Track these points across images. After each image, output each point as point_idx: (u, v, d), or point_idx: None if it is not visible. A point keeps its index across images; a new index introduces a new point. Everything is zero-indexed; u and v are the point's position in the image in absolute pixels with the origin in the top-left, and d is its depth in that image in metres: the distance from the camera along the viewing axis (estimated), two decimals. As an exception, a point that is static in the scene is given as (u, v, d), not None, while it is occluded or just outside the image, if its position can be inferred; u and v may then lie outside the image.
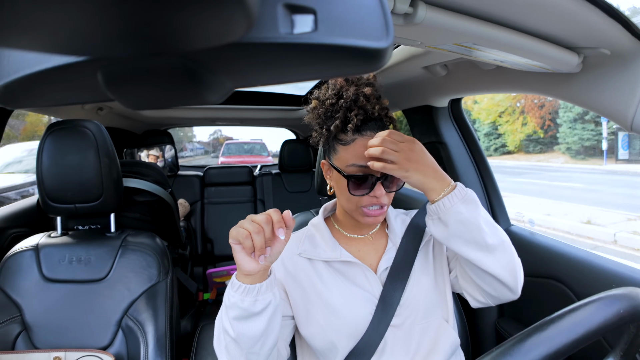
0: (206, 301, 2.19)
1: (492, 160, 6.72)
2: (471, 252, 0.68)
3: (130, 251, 1.11)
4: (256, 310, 0.63)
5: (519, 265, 0.72)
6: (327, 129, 0.76)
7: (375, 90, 0.76)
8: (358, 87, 0.74)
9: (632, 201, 7.68)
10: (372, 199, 0.74)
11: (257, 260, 0.61)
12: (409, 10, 0.55)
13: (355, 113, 0.72)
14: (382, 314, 0.76)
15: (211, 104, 0.70)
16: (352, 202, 0.76)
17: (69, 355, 0.98)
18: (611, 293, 0.49)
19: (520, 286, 0.72)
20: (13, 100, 0.20)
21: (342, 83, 0.76)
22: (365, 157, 0.72)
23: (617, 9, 0.59)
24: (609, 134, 15.25)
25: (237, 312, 0.64)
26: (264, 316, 0.64)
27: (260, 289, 0.63)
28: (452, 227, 0.67)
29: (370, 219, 0.76)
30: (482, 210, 0.70)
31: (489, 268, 0.68)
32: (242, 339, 0.65)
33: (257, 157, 11.35)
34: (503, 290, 0.71)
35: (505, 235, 0.71)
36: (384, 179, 0.74)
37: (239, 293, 0.63)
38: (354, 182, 0.74)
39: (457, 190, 0.68)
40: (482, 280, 0.71)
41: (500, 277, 0.69)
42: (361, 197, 0.74)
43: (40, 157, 1.06)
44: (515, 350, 0.44)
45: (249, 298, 0.63)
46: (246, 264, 0.62)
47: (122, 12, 0.13)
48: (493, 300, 0.75)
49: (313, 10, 0.16)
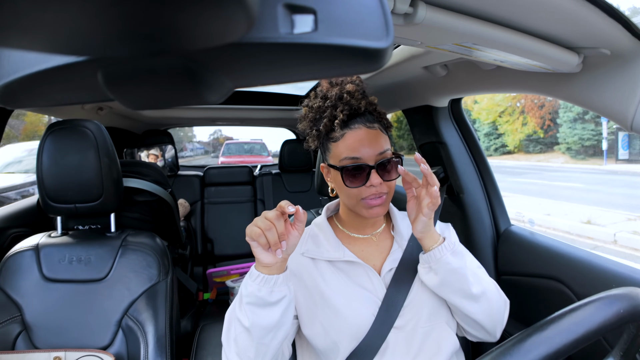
0: (206, 301, 2.19)
1: (492, 160, 6.71)
2: (457, 299, 0.75)
3: (131, 251, 1.11)
4: (272, 300, 0.66)
5: (500, 312, 0.80)
6: (317, 130, 0.79)
7: (359, 88, 0.79)
8: (341, 86, 0.78)
9: (632, 201, 7.68)
10: (370, 189, 0.75)
11: (274, 254, 0.65)
12: (409, 10, 0.55)
13: (341, 109, 0.75)
14: (385, 316, 0.75)
15: (211, 104, 0.70)
16: (353, 196, 0.77)
17: (69, 355, 0.98)
18: (611, 293, 0.49)
19: (499, 331, 0.81)
20: (13, 100, 0.20)
21: (327, 87, 0.80)
22: (357, 149, 0.75)
23: (617, 9, 0.59)
24: (609, 133, 15.25)
25: (253, 299, 0.66)
26: (279, 307, 0.67)
27: (277, 281, 0.66)
28: (442, 275, 0.74)
29: (372, 210, 0.76)
30: (469, 262, 0.80)
31: (472, 314, 0.76)
32: (255, 328, 0.66)
33: (257, 157, 11.36)
34: (482, 333, 0.80)
35: (490, 284, 0.80)
36: (378, 167, 0.75)
37: (257, 282, 0.66)
38: (348, 173, 0.75)
39: (446, 243, 0.75)
40: (465, 322, 0.80)
41: (480, 322, 0.77)
42: (360, 190, 0.75)
43: (41, 157, 1.06)
44: (515, 350, 0.44)
45: (266, 288, 0.66)
46: (264, 257, 0.65)
47: (122, 12, 0.13)
48: (472, 338, 0.83)
49: (313, 10, 0.16)
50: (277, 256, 0.65)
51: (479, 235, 1.31)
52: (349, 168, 0.75)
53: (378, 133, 0.77)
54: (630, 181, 10.53)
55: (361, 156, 0.74)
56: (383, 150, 0.76)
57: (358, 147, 0.75)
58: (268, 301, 0.66)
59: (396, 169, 0.77)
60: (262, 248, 0.64)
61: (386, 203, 0.77)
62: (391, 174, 0.76)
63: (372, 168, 0.74)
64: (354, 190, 0.76)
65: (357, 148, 0.75)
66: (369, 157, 0.75)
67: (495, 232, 1.32)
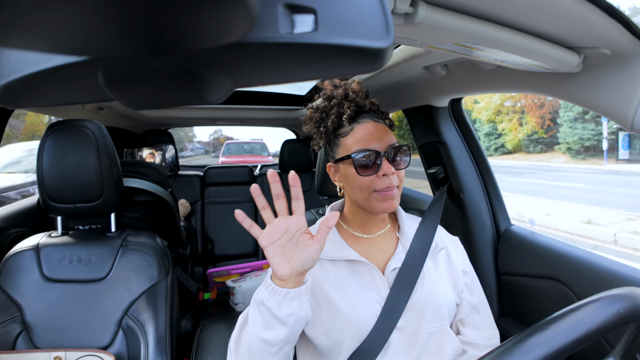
0: (206, 301, 2.19)
1: (492, 160, 6.72)
2: None
3: (131, 251, 1.11)
4: (279, 314, 0.63)
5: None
6: (324, 127, 0.80)
7: (363, 87, 0.81)
8: (346, 86, 0.80)
9: (633, 201, 7.68)
10: (383, 180, 0.75)
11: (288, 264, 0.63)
12: (409, 10, 0.55)
13: (348, 106, 0.77)
14: (387, 316, 0.75)
15: (212, 104, 0.70)
16: (365, 188, 0.77)
17: (70, 355, 0.98)
18: (611, 293, 0.49)
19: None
20: (14, 100, 0.20)
21: (330, 88, 0.81)
22: (367, 141, 0.76)
23: (618, 8, 0.58)
24: (610, 133, 15.24)
25: (262, 308, 0.65)
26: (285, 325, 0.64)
27: (287, 295, 0.63)
28: None
29: (386, 203, 0.76)
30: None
31: None
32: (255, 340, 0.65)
33: (258, 157, 11.35)
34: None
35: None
36: (389, 156, 0.76)
37: (268, 291, 0.64)
38: (360, 162, 0.76)
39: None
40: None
41: None
42: (372, 180, 0.76)
43: (41, 156, 1.06)
44: (516, 350, 0.44)
45: (275, 299, 0.63)
46: (279, 267, 0.62)
47: (122, 12, 0.13)
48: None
49: (313, 10, 0.16)
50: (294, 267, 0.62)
51: (479, 235, 1.31)
52: (360, 157, 0.75)
53: (385, 128, 0.79)
54: (631, 181, 10.52)
55: (372, 147, 0.76)
56: (392, 143, 0.77)
57: (368, 139, 0.76)
58: (275, 314, 0.63)
59: (406, 157, 0.78)
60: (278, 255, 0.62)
61: (397, 197, 0.78)
62: (401, 164, 0.78)
63: (383, 156, 0.75)
64: (366, 181, 0.76)
65: (368, 140, 0.76)
66: (381, 147, 0.76)
67: (496, 232, 1.32)
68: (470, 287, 0.85)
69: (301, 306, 0.65)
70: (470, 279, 0.86)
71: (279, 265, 0.62)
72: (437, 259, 0.84)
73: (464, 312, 0.83)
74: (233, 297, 1.96)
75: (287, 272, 0.63)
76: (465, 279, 0.85)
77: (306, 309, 0.66)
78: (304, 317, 0.66)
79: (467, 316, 0.83)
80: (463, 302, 0.83)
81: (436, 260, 0.84)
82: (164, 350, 1.03)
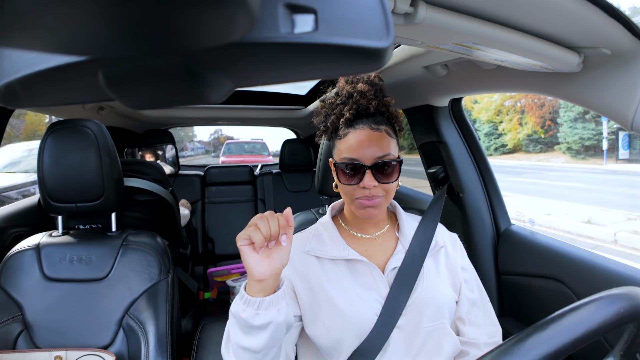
0: (207, 300, 2.19)
1: (492, 160, 6.70)
2: None
3: (131, 250, 1.11)
4: (255, 324, 0.61)
5: None
6: (325, 125, 0.81)
7: (373, 88, 0.79)
8: (355, 85, 0.79)
9: (633, 201, 7.68)
10: (363, 190, 0.76)
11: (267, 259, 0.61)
12: (409, 9, 0.55)
13: (349, 108, 0.77)
14: (387, 315, 0.75)
15: (212, 104, 0.70)
16: (348, 194, 0.78)
17: (70, 354, 0.98)
18: (611, 292, 0.49)
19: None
20: (14, 99, 0.20)
21: (343, 83, 0.81)
22: (355, 150, 0.75)
23: (618, 8, 0.58)
24: (610, 133, 15.23)
25: (238, 321, 0.63)
26: (264, 332, 0.62)
27: (262, 304, 0.61)
28: None
29: (365, 211, 0.77)
30: None
31: None
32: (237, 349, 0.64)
33: (258, 156, 11.34)
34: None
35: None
36: (374, 168, 0.75)
37: (242, 302, 0.62)
38: (344, 171, 0.77)
39: None
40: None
41: None
42: (354, 189, 0.76)
43: (42, 156, 1.06)
44: (515, 349, 0.44)
45: (250, 310, 0.61)
46: (256, 265, 0.60)
47: (123, 11, 0.13)
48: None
49: (314, 10, 0.16)
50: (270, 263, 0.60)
51: (479, 235, 1.31)
52: (344, 167, 0.77)
53: (382, 135, 0.76)
54: (631, 181, 10.52)
55: (359, 157, 0.75)
56: (383, 153, 0.75)
57: (357, 148, 0.75)
58: (253, 325, 0.61)
59: (394, 171, 0.76)
60: (254, 253, 0.60)
61: (380, 206, 0.77)
62: (388, 177, 0.76)
63: (367, 169, 0.75)
64: (349, 189, 0.77)
65: (356, 149, 0.75)
66: (367, 159, 0.75)
67: (496, 231, 1.32)
68: (469, 284, 0.85)
69: (279, 312, 0.63)
70: (470, 275, 0.86)
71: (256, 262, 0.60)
72: (437, 258, 0.84)
73: (463, 308, 0.83)
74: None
75: (266, 269, 0.61)
76: (464, 275, 0.85)
77: (284, 315, 0.64)
78: (284, 322, 0.64)
79: (466, 313, 0.83)
80: (462, 299, 0.83)
81: (436, 259, 0.84)
82: (165, 349, 1.03)
